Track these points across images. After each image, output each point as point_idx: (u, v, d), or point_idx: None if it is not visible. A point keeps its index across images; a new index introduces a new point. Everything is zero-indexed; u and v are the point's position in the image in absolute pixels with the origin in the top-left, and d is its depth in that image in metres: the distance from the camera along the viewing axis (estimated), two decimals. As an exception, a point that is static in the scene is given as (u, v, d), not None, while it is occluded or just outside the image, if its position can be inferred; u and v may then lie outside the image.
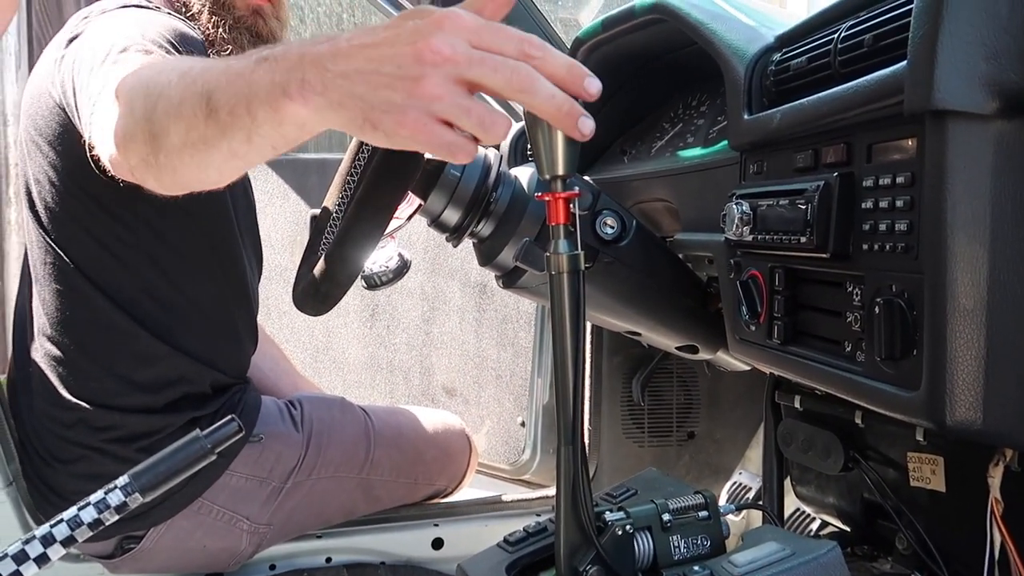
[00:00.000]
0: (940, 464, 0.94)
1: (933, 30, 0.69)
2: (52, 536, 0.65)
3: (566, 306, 0.75)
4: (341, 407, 1.50)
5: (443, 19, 0.62)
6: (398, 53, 0.61)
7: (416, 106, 0.61)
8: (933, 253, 0.71)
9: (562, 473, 0.77)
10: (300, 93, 0.64)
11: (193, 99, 0.71)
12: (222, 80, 0.70)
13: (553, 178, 0.71)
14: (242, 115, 0.67)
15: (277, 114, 0.65)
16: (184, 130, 0.72)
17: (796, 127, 0.92)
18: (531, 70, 0.63)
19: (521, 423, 1.95)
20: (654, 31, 1.28)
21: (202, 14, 1.30)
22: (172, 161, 0.76)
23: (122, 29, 1.11)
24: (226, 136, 0.69)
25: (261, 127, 0.67)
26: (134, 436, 1.27)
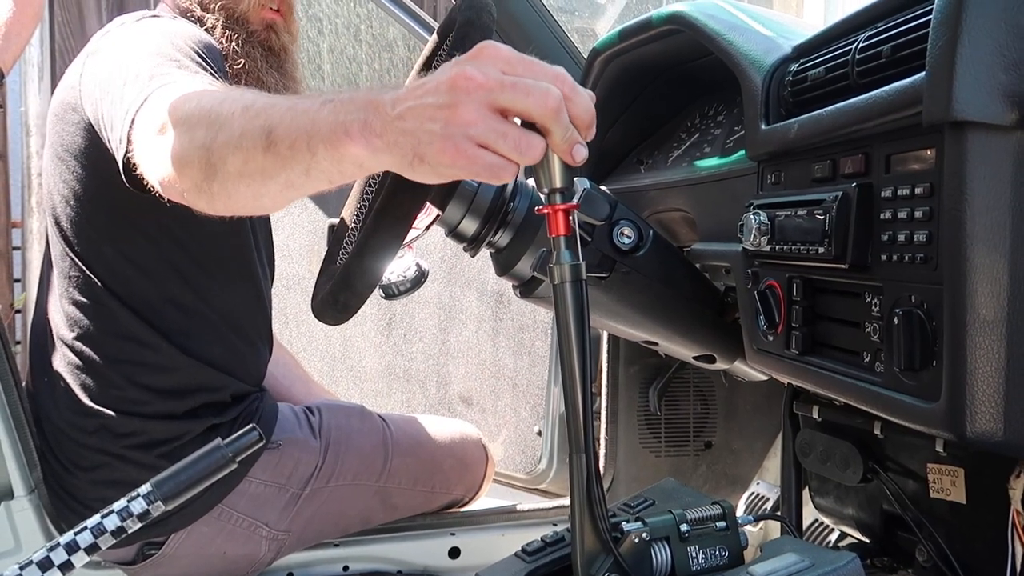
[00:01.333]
0: (960, 475, 0.94)
1: (952, 41, 0.69)
2: (76, 543, 0.66)
3: (571, 316, 0.76)
4: (360, 415, 1.51)
5: (480, 50, 0.67)
6: (438, 84, 0.66)
7: (454, 133, 0.65)
8: (952, 264, 0.71)
9: (575, 482, 0.78)
10: (361, 134, 0.68)
11: (254, 132, 0.75)
12: (286, 116, 0.74)
13: (552, 191, 0.73)
14: (302, 150, 0.71)
15: (337, 152, 0.70)
16: (242, 161, 0.76)
17: (814, 137, 0.92)
18: (560, 96, 0.67)
19: (538, 432, 1.95)
20: (671, 42, 1.28)
21: (216, 28, 1.32)
22: (227, 189, 0.80)
23: (150, 41, 1.13)
24: (285, 168, 0.74)
25: (320, 163, 0.71)
26: (155, 442, 1.28)
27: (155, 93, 0.98)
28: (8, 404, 1.29)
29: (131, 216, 1.24)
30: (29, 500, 1.32)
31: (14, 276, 3.85)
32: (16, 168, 3.75)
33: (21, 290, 3.79)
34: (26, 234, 3.69)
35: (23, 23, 2.33)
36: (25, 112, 3.64)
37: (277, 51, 1.37)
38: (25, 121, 3.65)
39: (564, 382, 0.78)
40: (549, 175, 0.72)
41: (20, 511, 1.31)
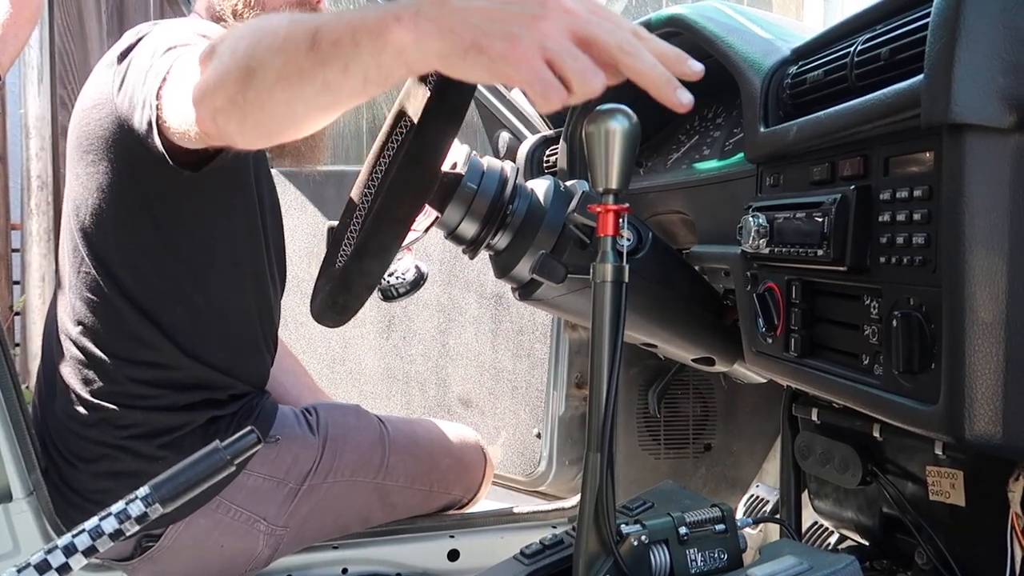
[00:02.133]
0: (959, 478, 0.94)
1: (950, 43, 0.69)
2: (74, 546, 0.66)
3: (607, 315, 0.78)
4: (356, 413, 1.51)
5: None
6: (511, 10, 0.66)
7: (530, 36, 0.64)
8: (951, 266, 0.71)
9: (588, 480, 0.78)
10: (412, 19, 0.68)
11: (299, 34, 0.75)
12: (332, 18, 0.74)
13: (606, 191, 0.75)
14: (345, 44, 0.71)
15: (380, 39, 0.69)
16: (283, 63, 0.76)
17: (813, 140, 0.92)
18: (640, 42, 0.69)
19: (537, 435, 1.95)
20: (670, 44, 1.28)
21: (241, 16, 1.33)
22: (262, 96, 0.79)
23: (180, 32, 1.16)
24: (324, 66, 0.73)
25: (361, 54, 0.70)
26: (155, 432, 1.29)
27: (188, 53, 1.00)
28: (7, 406, 1.29)
29: (151, 212, 1.26)
30: (28, 502, 1.32)
31: (13, 278, 3.85)
32: (15, 170, 3.76)
33: (20, 292, 3.79)
34: (25, 236, 3.69)
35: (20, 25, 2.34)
36: (24, 114, 3.64)
37: None
38: (24, 123, 3.65)
39: (591, 379, 0.79)
40: (607, 173, 0.74)
41: (19, 513, 1.31)
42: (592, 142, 0.75)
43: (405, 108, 1.29)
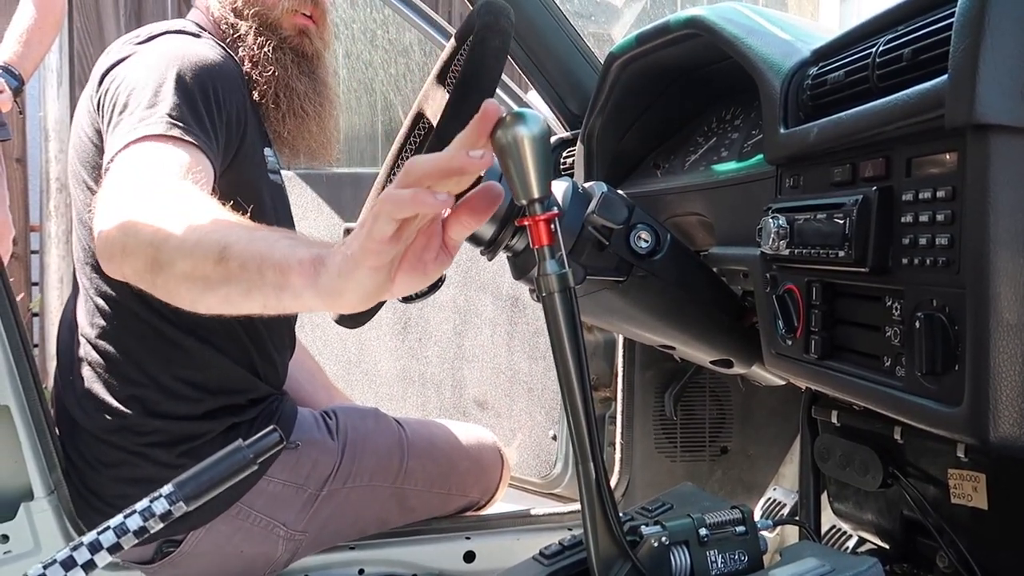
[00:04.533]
0: (982, 481, 0.93)
1: (975, 43, 0.69)
2: (99, 543, 0.67)
3: (562, 326, 0.75)
4: (375, 417, 1.52)
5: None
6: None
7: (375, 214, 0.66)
8: (975, 268, 0.71)
9: (583, 491, 0.77)
10: (311, 268, 0.71)
11: (209, 245, 0.80)
12: (243, 236, 0.79)
13: (530, 202, 0.72)
14: (251, 270, 0.75)
15: (282, 278, 0.73)
16: (190, 267, 0.81)
17: (834, 141, 0.92)
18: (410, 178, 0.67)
19: (553, 436, 1.95)
20: (689, 46, 1.28)
21: (248, 35, 1.34)
22: (168, 287, 0.85)
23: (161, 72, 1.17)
24: (227, 283, 0.78)
25: (264, 286, 0.75)
26: (176, 440, 1.29)
27: (133, 147, 1.06)
28: (29, 406, 1.30)
29: None
30: (48, 501, 1.33)
31: (32, 280, 3.88)
32: (35, 172, 3.79)
33: (38, 293, 3.82)
34: (44, 238, 3.73)
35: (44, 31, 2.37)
36: (44, 117, 3.68)
37: (310, 56, 1.39)
38: (44, 126, 3.69)
39: (563, 394, 0.76)
40: (526, 186, 0.71)
41: (40, 512, 1.32)
42: (504, 154, 0.70)
43: (423, 110, 1.30)
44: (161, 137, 1.09)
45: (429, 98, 1.29)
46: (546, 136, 0.72)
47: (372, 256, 0.67)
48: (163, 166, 1.05)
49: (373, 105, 3.62)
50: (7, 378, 1.28)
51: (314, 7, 1.39)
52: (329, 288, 0.70)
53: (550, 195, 0.73)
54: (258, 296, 0.76)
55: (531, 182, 0.71)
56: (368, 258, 0.67)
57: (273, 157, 1.42)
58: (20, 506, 1.32)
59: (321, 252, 0.72)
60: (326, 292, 0.70)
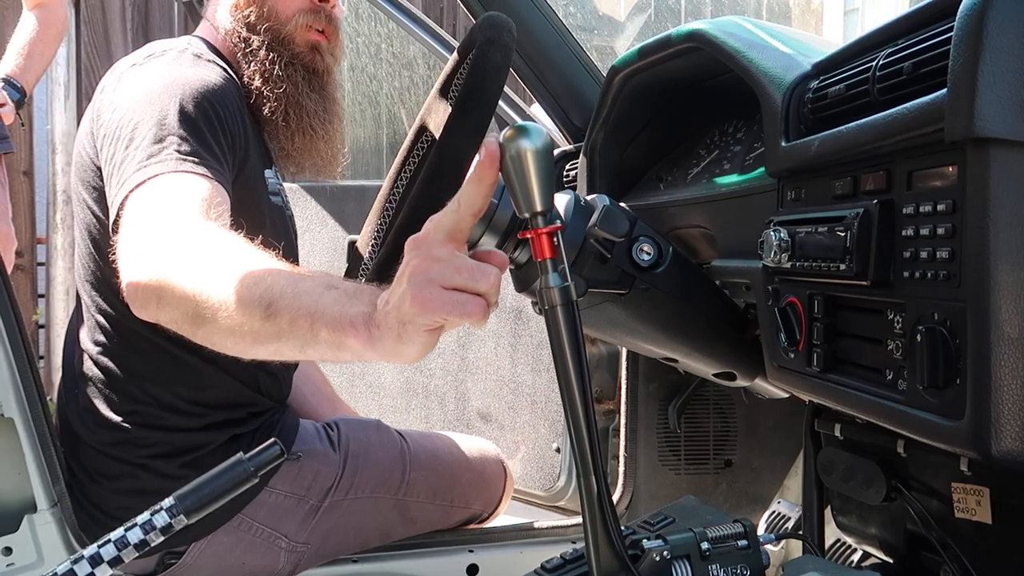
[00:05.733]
0: (986, 495, 0.92)
1: (974, 57, 0.69)
2: (100, 556, 0.67)
3: (564, 339, 0.75)
4: (377, 429, 1.51)
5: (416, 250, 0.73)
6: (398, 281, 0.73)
7: (417, 282, 0.70)
8: (976, 281, 0.71)
9: (585, 504, 0.77)
10: (365, 326, 0.74)
11: (253, 300, 0.80)
12: (287, 288, 0.79)
13: (533, 215, 0.72)
14: (302, 328, 0.77)
15: (338, 337, 0.75)
16: (237, 323, 0.81)
17: (835, 154, 0.92)
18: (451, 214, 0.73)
19: (556, 449, 1.94)
20: (690, 59, 1.29)
21: (260, 50, 1.33)
22: (212, 338, 0.85)
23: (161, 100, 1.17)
24: (280, 339, 0.79)
25: (318, 344, 0.76)
26: (177, 452, 1.29)
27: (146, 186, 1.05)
28: (32, 417, 1.30)
29: None
30: (52, 513, 1.33)
31: (39, 291, 3.90)
32: (42, 185, 3.81)
33: (44, 304, 3.84)
34: (50, 250, 3.74)
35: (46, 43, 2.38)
36: (51, 130, 3.70)
37: (320, 73, 1.39)
38: (51, 139, 3.71)
39: (564, 407, 0.76)
40: (528, 199, 0.71)
41: (43, 524, 1.32)
42: (505, 167, 0.71)
43: (426, 123, 1.31)
44: (175, 173, 1.08)
45: (432, 111, 1.29)
46: (549, 150, 0.73)
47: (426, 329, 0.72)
48: (184, 204, 1.04)
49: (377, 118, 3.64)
50: (11, 390, 1.28)
51: (327, 23, 1.38)
52: (390, 351, 0.73)
53: (553, 208, 0.73)
54: (312, 352, 0.78)
55: (534, 195, 0.71)
56: (422, 331, 0.72)
57: (274, 178, 1.41)
58: (23, 518, 1.32)
59: (370, 312, 0.74)
60: (387, 354, 0.74)
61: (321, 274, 0.82)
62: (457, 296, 0.70)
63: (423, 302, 0.70)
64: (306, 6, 1.35)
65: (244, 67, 1.35)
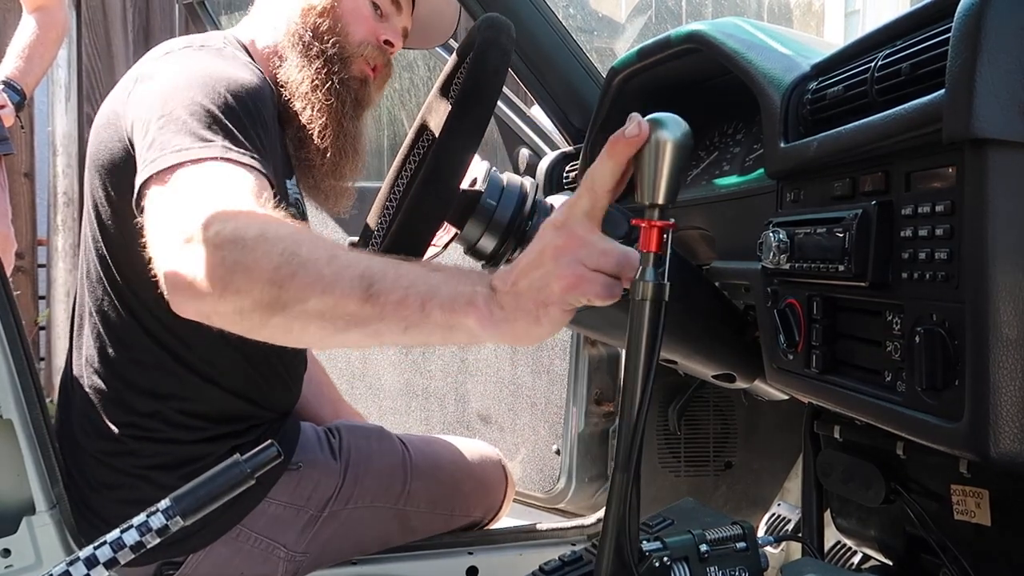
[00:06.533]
0: (985, 497, 0.92)
1: (971, 58, 0.69)
2: (96, 558, 0.67)
3: (644, 333, 0.76)
4: (379, 437, 1.50)
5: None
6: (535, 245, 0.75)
7: (569, 261, 0.72)
8: (974, 282, 0.70)
9: (614, 498, 0.77)
10: (486, 307, 0.73)
11: (349, 280, 0.76)
12: (388, 272, 0.76)
13: (652, 205, 0.73)
14: (411, 308, 0.74)
15: (453, 318, 0.73)
16: (330, 305, 0.76)
17: (833, 155, 0.92)
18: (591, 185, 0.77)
19: (556, 451, 1.94)
20: (690, 60, 1.29)
21: (319, 59, 1.32)
22: (291, 326, 0.78)
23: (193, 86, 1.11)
24: (381, 321, 0.75)
25: (429, 324, 0.74)
26: (177, 463, 1.28)
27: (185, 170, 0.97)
28: (32, 420, 1.30)
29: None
30: (50, 515, 1.32)
31: (39, 293, 3.90)
32: (42, 187, 3.82)
33: (45, 307, 3.84)
34: (51, 252, 3.75)
35: (46, 46, 2.38)
36: (52, 132, 3.70)
37: (363, 104, 1.39)
38: (52, 141, 3.72)
39: (623, 398, 0.77)
40: (652, 189, 0.72)
41: (41, 526, 1.32)
42: (640, 152, 0.73)
43: (427, 122, 1.30)
44: (221, 160, 0.99)
45: (433, 111, 1.29)
46: (689, 147, 0.74)
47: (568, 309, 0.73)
48: (235, 191, 0.94)
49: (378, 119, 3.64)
50: (10, 392, 1.28)
51: (383, 65, 1.40)
52: (521, 332, 0.73)
53: (672, 205, 0.75)
54: (418, 334, 0.75)
55: (661, 186, 0.73)
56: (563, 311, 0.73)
57: (295, 189, 1.38)
58: (22, 520, 1.32)
59: (488, 292, 0.74)
60: (513, 335, 0.73)
61: (416, 259, 0.80)
62: (604, 278, 0.72)
63: (575, 282, 0.71)
64: (374, 41, 1.37)
65: (295, 70, 1.32)
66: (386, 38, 1.39)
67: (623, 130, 0.74)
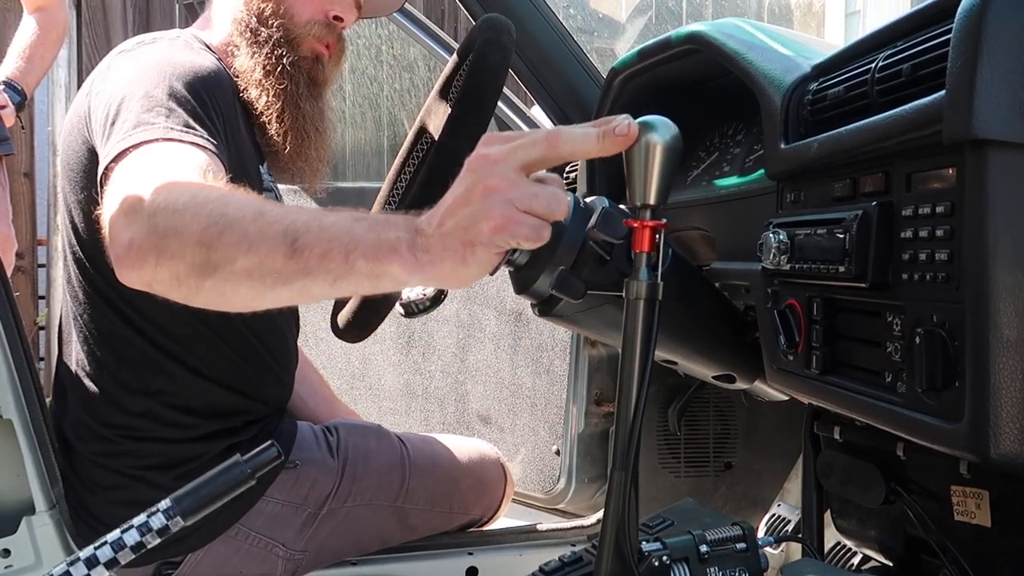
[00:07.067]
0: (985, 498, 0.92)
1: (972, 59, 0.69)
2: (96, 558, 0.67)
3: (638, 333, 0.76)
4: (377, 434, 1.50)
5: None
6: (459, 184, 0.72)
7: (496, 202, 0.69)
8: (974, 283, 0.70)
9: (612, 498, 0.77)
10: (409, 251, 0.71)
11: (274, 236, 0.75)
12: (312, 224, 0.75)
13: (644, 206, 0.73)
14: (335, 260, 0.72)
15: (378, 267, 0.71)
16: (256, 263, 0.76)
17: (834, 156, 0.92)
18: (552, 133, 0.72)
19: (556, 452, 1.94)
20: (690, 61, 1.29)
21: (267, 43, 1.32)
22: (223, 287, 0.78)
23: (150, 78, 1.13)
24: (308, 276, 0.74)
25: (354, 275, 0.72)
26: (172, 463, 1.28)
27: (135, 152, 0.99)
28: (31, 420, 1.30)
29: None
30: (50, 515, 1.32)
31: (39, 293, 3.90)
32: (42, 186, 3.82)
33: (45, 307, 3.84)
34: (51, 251, 3.75)
35: (47, 46, 2.39)
36: (52, 132, 3.70)
37: (319, 84, 1.39)
38: (52, 140, 3.71)
39: (618, 397, 0.78)
40: (644, 189, 0.73)
41: (41, 526, 1.32)
42: (631, 154, 0.73)
43: (426, 124, 1.31)
44: (166, 141, 1.02)
45: (432, 113, 1.29)
46: (679, 147, 0.75)
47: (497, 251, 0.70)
48: (179, 166, 0.97)
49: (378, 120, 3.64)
50: (10, 391, 1.28)
51: (335, 40, 1.39)
52: (447, 274, 0.71)
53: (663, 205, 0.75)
54: (345, 285, 0.74)
55: (651, 188, 0.73)
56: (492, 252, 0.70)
57: (268, 175, 1.40)
58: (22, 520, 1.32)
59: (412, 237, 0.71)
60: (440, 277, 0.71)
61: (344, 209, 0.78)
62: (533, 220, 0.70)
63: (504, 223, 0.69)
64: (320, 18, 1.36)
65: (246, 58, 1.33)
66: (335, 13, 1.37)
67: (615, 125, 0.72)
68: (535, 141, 0.71)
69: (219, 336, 1.30)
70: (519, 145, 0.71)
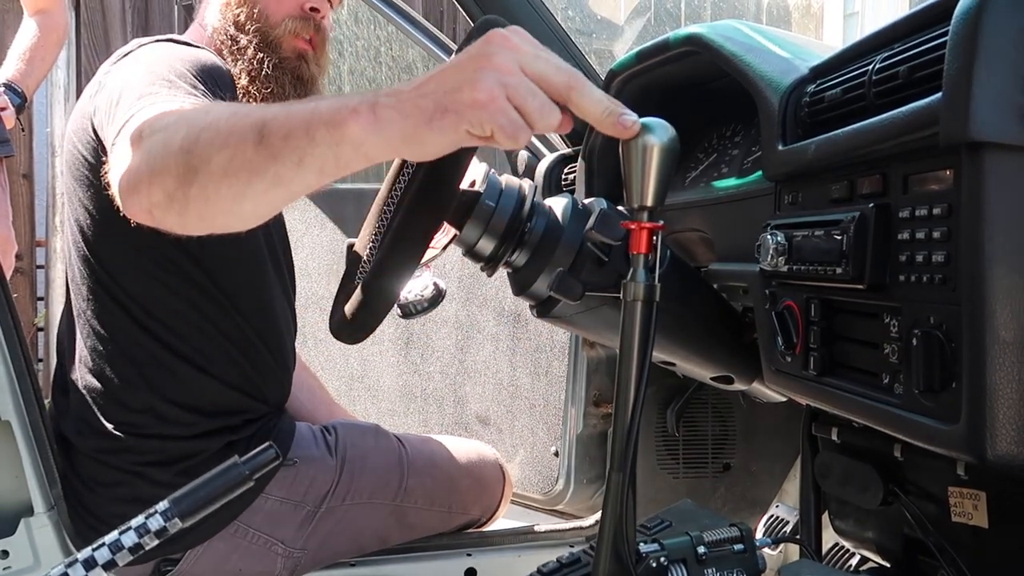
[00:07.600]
0: (982, 499, 0.92)
1: (968, 62, 0.69)
2: (94, 559, 0.67)
3: (636, 335, 0.77)
4: (375, 434, 1.51)
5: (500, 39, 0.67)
6: (469, 50, 0.67)
7: (489, 76, 0.64)
8: (971, 285, 0.71)
9: (610, 499, 0.77)
10: (370, 110, 0.67)
11: (244, 129, 0.73)
12: (280, 113, 0.72)
13: (641, 208, 0.74)
14: (298, 137, 0.69)
15: (337, 132, 0.68)
16: (228, 158, 0.73)
17: (831, 158, 0.92)
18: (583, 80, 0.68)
19: (555, 453, 1.94)
20: (688, 63, 1.29)
21: (248, 49, 1.34)
22: (206, 192, 0.76)
23: (152, 64, 1.15)
24: (276, 161, 0.71)
25: (317, 147, 0.69)
26: (172, 460, 1.29)
27: (138, 112, 0.98)
28: (30, 421, 1.30)
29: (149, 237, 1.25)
30: (48, 516, 1.33)
31: (38, 294, 3.90)
32: (41, 188, 3.82)
33: (43, 308, 3.84)
34: (50, 253, 3.74)
35: (47, 48, 2.39)
36: (51, 133, 3.70)
37: (306, 81, 1.39)
38: (51, 142, 3.71)
39: (616, 398, 0.78)
40: (641, 191, 0.73)
41: (40, 527, 1.32)
42: (629, 156, 0.73)
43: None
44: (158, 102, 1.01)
45: (431, 114, 1.29)
46: (676, 149, 0.75)
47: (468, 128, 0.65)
48: (171, 103, 0.97)
49: (377, 121, 3.63)
50: (8, 393, 1.28)
51: (315, 33, 1.39)
52: (408, 135, 0.66)
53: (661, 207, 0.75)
54: (312, 163, 0.70)
55: (648, 189, 0.73)
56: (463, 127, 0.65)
57: None
58: (20, 521, 1.32)
59: (374, 100, 0.67)
60: (400, 138, 0.66)
61: (324, 96, 0.76)
62: (516, 116, 0.65)
63: (488, 101, 0.64)
64: (296, 13, 1.36)
65: (230, 65, 1.34)
66: (311, 5, 1.37)
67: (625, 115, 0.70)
68: (560, 69, 0.67)
69: (221, 333, 1.31)
70: (545, 57, 0.67)
